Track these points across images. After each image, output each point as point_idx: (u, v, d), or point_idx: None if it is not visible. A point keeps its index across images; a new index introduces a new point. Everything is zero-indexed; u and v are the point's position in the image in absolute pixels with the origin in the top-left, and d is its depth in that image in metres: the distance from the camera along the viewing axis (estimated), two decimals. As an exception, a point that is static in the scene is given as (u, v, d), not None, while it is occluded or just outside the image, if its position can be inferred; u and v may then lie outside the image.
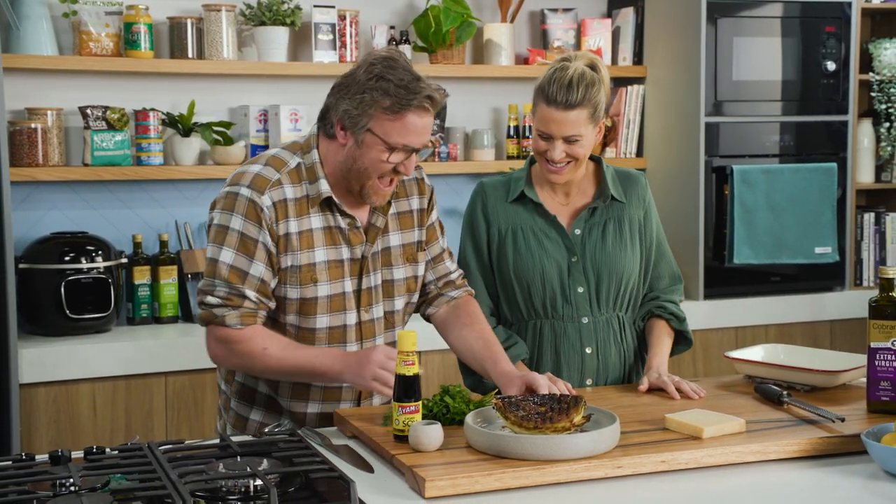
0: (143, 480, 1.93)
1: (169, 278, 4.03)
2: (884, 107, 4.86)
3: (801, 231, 4.57)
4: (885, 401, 2.42)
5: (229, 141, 4.15)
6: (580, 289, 2.75)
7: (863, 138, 4.91)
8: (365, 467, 2.15)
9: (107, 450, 2.14)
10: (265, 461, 2.05)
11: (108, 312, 3.81)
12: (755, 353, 2.82)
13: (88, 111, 3.95)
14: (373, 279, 2.54)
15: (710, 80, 4.47)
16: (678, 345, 2.87)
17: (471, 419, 2.21)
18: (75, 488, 1.92)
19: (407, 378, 2.21)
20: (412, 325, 2.62)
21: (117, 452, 2.13)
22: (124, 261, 3.95)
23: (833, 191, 4.62)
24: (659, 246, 2.87)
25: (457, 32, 4.40)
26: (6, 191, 3.41)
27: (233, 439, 2.19)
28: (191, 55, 4.09)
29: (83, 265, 3.78)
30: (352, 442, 2.34)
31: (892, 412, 2.39)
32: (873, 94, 4.88)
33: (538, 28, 4.78)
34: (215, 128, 4.11)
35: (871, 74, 4.86)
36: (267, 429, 2.34)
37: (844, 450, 2.23)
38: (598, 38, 4.73)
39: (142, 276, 4.00)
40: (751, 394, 2.61)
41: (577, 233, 2.77)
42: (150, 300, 4.03)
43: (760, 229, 4.49)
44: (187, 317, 4.05)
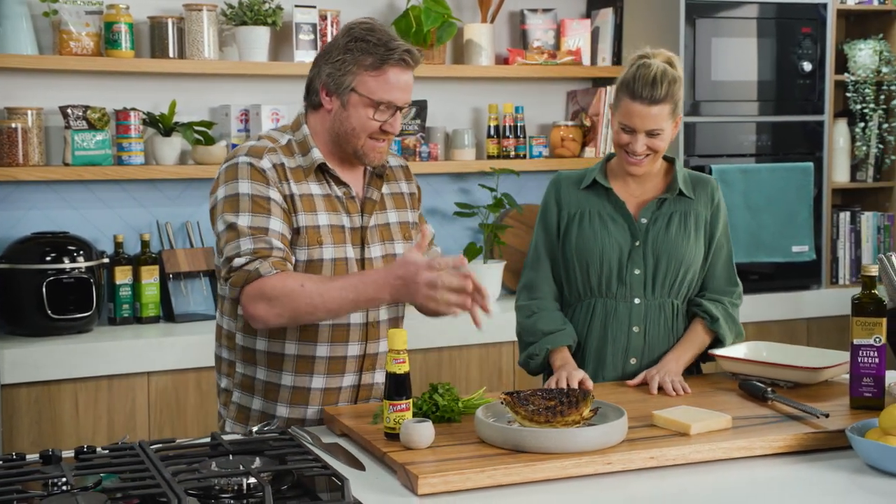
0: (137, 479, 1.93)
1: (150, 278, 4.02)
2: (859, 107, 4.91)
3: (778, 230, 4.62)
4: (868, 397, 2.46)
5: (210, 141, 4.15)
6: (637, 271, 2.81)
7: (838, 138, 4.96)
8: (356, 465, 2.16)
9: (97, 449, 2.14)
10: (258, 459, 2.06)
11: (90, 312, 3.80)
12: (739, 350, 2.85)
13: (69, 111, 3.94)
14: (374, 251, 2.58)
15: (688, 80, 4.50)
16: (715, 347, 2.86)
17: (481, 414, 2.24)
18: (68, 487, 1.92)
19: (398, 376, 2.23)
20: (403, 324, 2.66)
21: (108, 452, 2.13)
22: (106, 261, 3.94)
23: (810, 190, 4.67)
24: (721, 248, 2.90)
25: (437, 33, 4.41)
26: (-12, 190, 3.40)
27: (224, 438, 2.19)
28: (172, 55, 4.09)
29: (65, 265, 3.77)
30: (341, 440, 2.35)
31: (875, 408, 2.43)
32: (849, 95, 4.93)
33: (518, 28, 4.80)
34: (196, 127, 4.11)
35: (846, 75, 4.92)
36: (256, 427, 2.34)
37: (829, 445, 2.26)
38: (578, 38, 4.76)
39: (123, 276, 3.99)
40: (735, 390, 2.64)
41: (644, 221, 2.83)
42: (132, 300, 4.02)
43: (738, 228, 4.53)
44: (169, 317, 4.05)
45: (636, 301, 2.81)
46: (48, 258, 3.76)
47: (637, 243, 2.82)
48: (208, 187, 4.19)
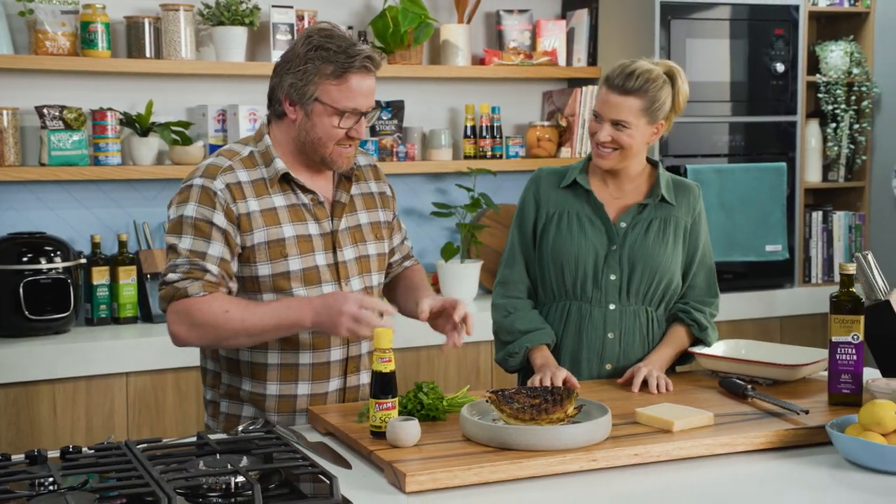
0: (126, 479, 1.93)
1: (128, 279, 4.01)
2: (830, 108, 4.97)
3: (752, 229, 4.66)
4: (846, 393, 2.49)
5: (188, 141, 4.14)
6: (612, 276, 2.80)
7: (810, 138, 5.01)
8: (342, 464, 2.17)
9: (83, 449, 2.14)
10: (245, 458, 2.06)
11: (68, 313, 3.78)
12: (718, 348, 2.88)
13: (45, 111, 3.92)
14: (347, 253, 2.58)
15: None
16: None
17: (466, 412, 2.25)
18: (55, 487, 1.92)
19: (384, 375, 2.24)
20: (389, 322, 2.66)
21: (94, 452, 2.13)
22: (83, 261, 3.92)
23: (783, 190, 4.71)
24: (702, 258, 2.91)
25: (415, 33, 4.42)
26: (-35, 191, 3.38)
27: (210, 437, 2.19)
28: (148, 55, 4.08)
29: (42, 266, 3.75)
30: (326, 439, 2.36)
31: (853, 404, 2.46)
32: (820, 96, 4.98)
33: (494, 29, 4.82)
34: (174, 128, 4.10)
35: (818, 76, 4.97)
36: (242, 426, 2.35)
37: (809, 441, 2.29)
38: (553, 39, 4.78)
39: (100, 276, 3.98)
40: (715, 388, 2.67)
41: (623, 225, 2.82)
42: (109, 300, 4.00)
43: (713, 228, 4.55)
44: (146, 317, 4.04)
45: (611, 306, 2.81)
46: (25, 259, 3.74)
47: (614, 247, 2.81)
48: (186, 187, 4.19)
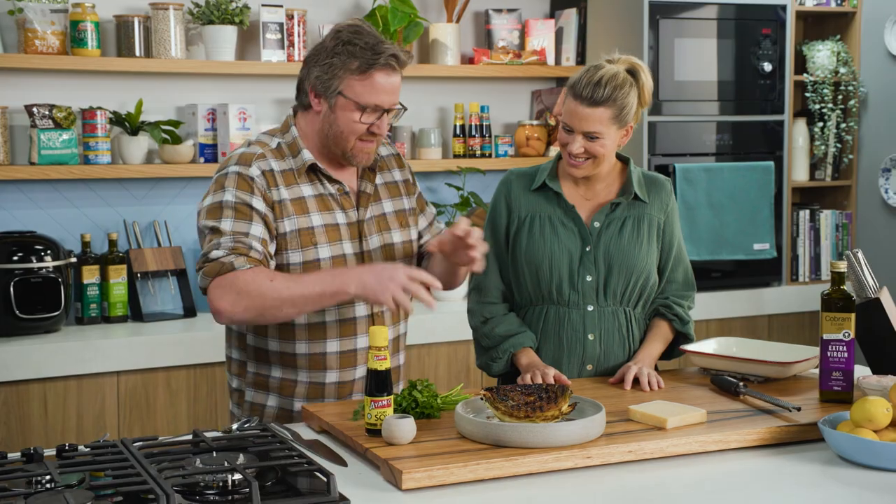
0: (123, 477, 1.93)
1: (118, 277, 4.01)
2: (817, 107, 5.00)
3: (740, 228, 4.68)
4: (837, 390, 2.51)
5: (177, 140, 4.14)
6: (589, 277, 2.79)
7: (798, 137, 5.04)
8: (338, 461, 2.18)
9: (80, 447, 2.14)
10: (241, 456, 2.07)
11: (58, 312, 3.78)
12: (708, 345, 2.89)
13: (34, 110, 3.92)
14: (372, 242, 2.63)
15: (652, 80, 4.54)
16: (679, 345, 2.89)
17: (461, 409, 2.26)
18: (52, 485, 1.93)
19: (379, 372, 2.25)
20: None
21: (90, 449, 2.13)
22: (73, 260, 3.92)
23: (770, 189, 4.74)
24: (677, 253, 2.90)
25: (404, 32, 4.43)
26: (-45, 190, 3.37)
27: (206, 435, 2.20)
28: (138, 54, 4.08)
29: (32, 265, 3.75)
30: (321, 436, 2.37)
31: (844, 401, 2.48)
32: (807, 95, 5.01)
33: (483, 28, 4.83)
34: (163, 126, 4.10)
35: (805, 75, 5.00)
36: (236, 425, 2.35)
37: (801, 438, 2.31)
38: (542, 38, 4.80)
39: (91, 275, 3.98)
40: (707, 385, 2.68)
41: (596, 225, 2.81)
42: (100, 299, 4.00)
43: (701, 226, 4.59)
44: (137, 316, 4.04)
45: (589, 308, 2.81)
46: (15, 258, 3.74)
47: (588, 248, 2.80)
48: (176, 186, 4.19)
